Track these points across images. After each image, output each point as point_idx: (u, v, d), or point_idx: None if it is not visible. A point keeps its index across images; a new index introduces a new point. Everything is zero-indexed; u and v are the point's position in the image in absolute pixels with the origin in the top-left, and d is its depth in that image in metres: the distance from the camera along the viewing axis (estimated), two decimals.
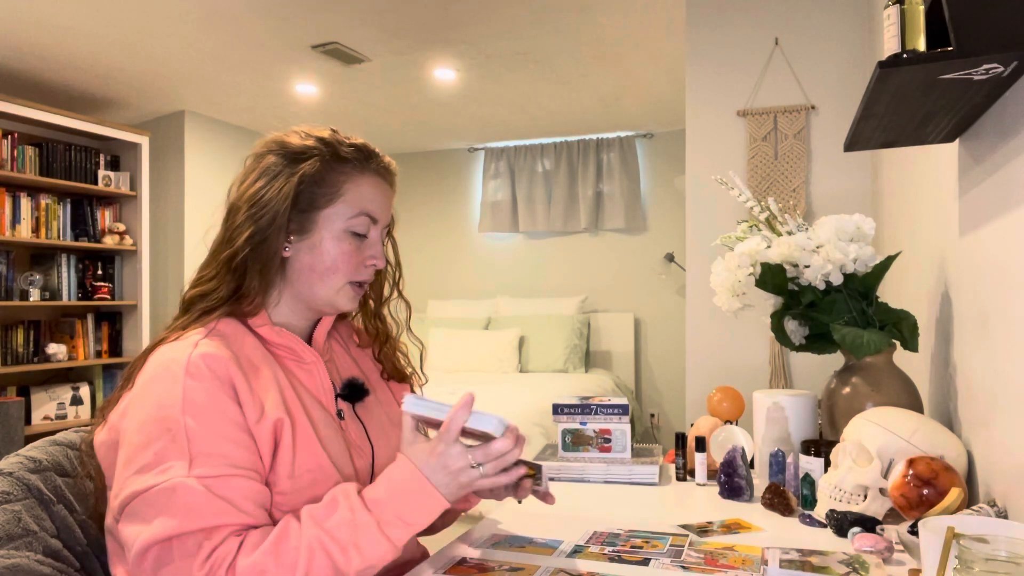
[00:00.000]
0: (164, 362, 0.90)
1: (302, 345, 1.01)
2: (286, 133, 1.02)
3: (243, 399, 0.89)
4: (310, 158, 0.98)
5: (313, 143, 1.00)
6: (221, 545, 0.81)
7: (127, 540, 0.82)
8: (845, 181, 2.59)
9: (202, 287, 0.98)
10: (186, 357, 0.89)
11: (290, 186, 0.96)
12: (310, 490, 0.91)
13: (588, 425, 1.47)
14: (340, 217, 0.99)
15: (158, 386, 0.88)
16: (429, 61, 3.72)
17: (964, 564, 0.61)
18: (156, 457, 0.83)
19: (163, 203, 4.66)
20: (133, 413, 0.88)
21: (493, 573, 0.93)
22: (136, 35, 3.35)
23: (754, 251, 1.36)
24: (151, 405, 0.87)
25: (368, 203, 1.01)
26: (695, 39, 2.77)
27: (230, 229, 0.98)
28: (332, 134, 1.02)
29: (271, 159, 0.99)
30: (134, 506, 0.82)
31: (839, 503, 1.09)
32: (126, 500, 0.83)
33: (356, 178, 1.00)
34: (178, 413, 0.85)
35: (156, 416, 0.85)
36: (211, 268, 0.98)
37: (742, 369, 2.67)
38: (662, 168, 5.08)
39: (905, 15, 0.92)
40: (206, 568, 0.80)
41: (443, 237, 5.59)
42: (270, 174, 0.97)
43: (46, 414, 3.84)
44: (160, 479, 0.82)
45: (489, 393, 3.65)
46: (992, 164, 1.06)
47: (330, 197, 0.98)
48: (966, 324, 1.20)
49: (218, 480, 0.83)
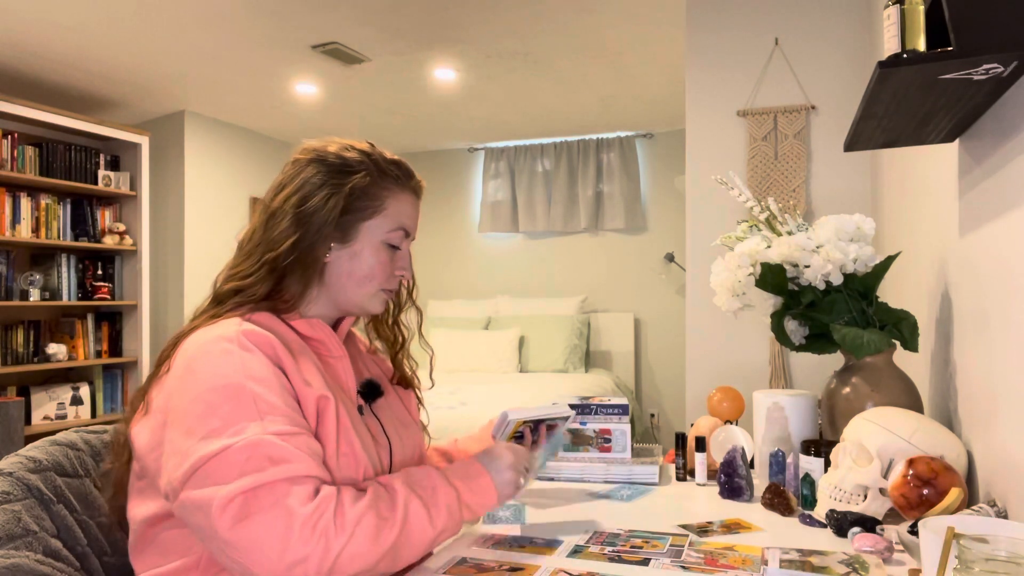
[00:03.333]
0: (211, 340, 0.91)
1: (334, 340, 1.05)
2: (326, 143, 1.06)
3: (290, 375, 0.93)
4: (359, 172, 1.03)
5: (359, 156, 1.05)
6: (321, 491, 0.83)
7: (202, 501, 0.81)
8: (845, 181, 2.59)
9: (238, 283, 1.00)
10: (235, 333, 0.92)
11: (339, 197, 1.00)
12: (347, 472, 0.94)
13: (588, 425, 1.47)
14: (380, 229, 1.05)
15: (210, 360, 0.89)
16: (429, 61, 3.72)
17: (964, 564, 0.61)
18: (224, 422, 0.84)
19: (163, 203, 4.66)
20: (184, 390, 0.88)
21: (493, 573, 0.93)
22: (136, 35, 3.35)
23: (754, 251, 1.36)
24: (207, 376, 0.88)
25: (405, 218, 1.07)
26: (695, 39, 2.77)
27: (273, 233, 1.00)
28: (372, 148, 1.07)
29: (315, 169, 1.03)
30: (207, 469, 0.82)
31: (839, 503, 1.09)
32: (196, 465, 0.82)
33: (397, 194, 1.07)
34: (241, 379, 0.87)
35: (216, 385, 0.87)
36: (247, 265, 1.01)
37: (742, 369, 2.67)
38: (662, 168, 5.08)
39: (905, 15, 0.92)
40: (312, 508, 0.81)
41: (443, 237, 5.59)
42: (315, 183, 1.01)
43: (46, 414, 3.84)
44: (235, 439, 0.83)
45: (489, 393, 3.65)
46: (992, 164, 1.06)
47: (374, 210, 1.04)
48: (966, 324, 1.20)
49: (292, 437, 0.85)
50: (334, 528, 0.81)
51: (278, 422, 0.85)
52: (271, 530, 0.79)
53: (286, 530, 0.79)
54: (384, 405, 1.12)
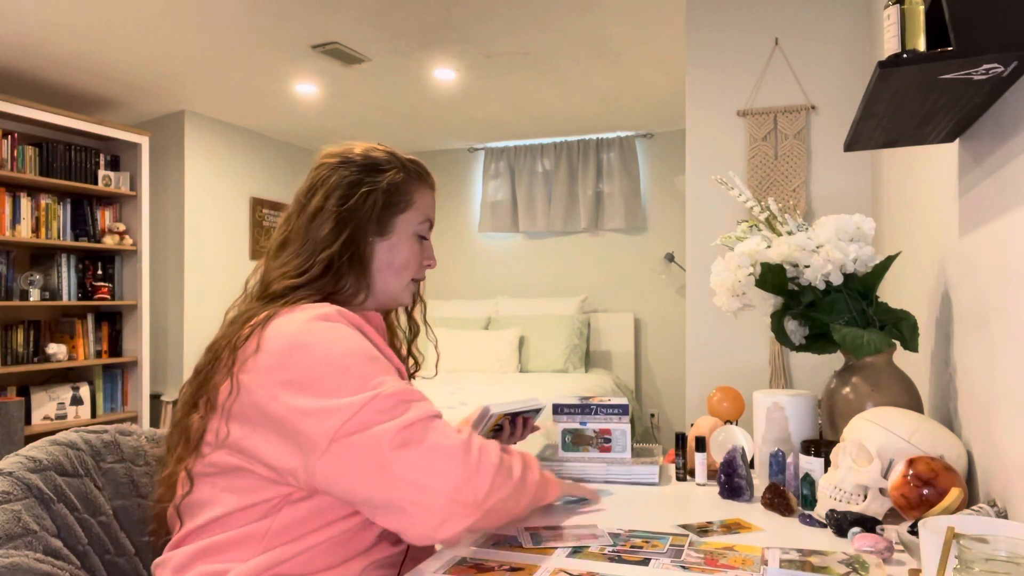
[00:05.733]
0: (310, 318, 0.95)
1: (384, 331, 1.14)
2: (346, 147, 1.13)
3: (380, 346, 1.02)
4: (390, 169, 1.11)
5: (385, 156, 1.13)
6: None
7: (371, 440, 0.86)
8: (845, 181, 2.59)
9: (293, 280, 1.04)
10: (331, 311, 0.97)
11: (378, 192, 1.08)
12: None
13: (588, 425, 1.47)
14: (413, 222, 1.13)
15: (324, 333, 0.94)
16: (429, 61, 3.72)
17: (964, 564, 0.61)
18: (362, 378, 0.90)
19: (163, 203, 4.66)
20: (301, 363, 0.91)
21: (493, 573, 0.93)
22: (136, 35, 3.35)
23: (754, 251, 1.36)
24: (328, 345, 0.92)
25: (430, 211, 1.17)
26: (695, 39, 2.77)
27: (320, 232, 1.06)
28: (387, 148, 1.15)
29: (347, 170, 1.09)
30: (363, 415, 0.87)
31: (839, 503, 1.09)
32: (350, 413, 0.87)
33: (422, 188, 1.15)
34: (358, 345, 0.94)
35: (342, 351, 0.92)
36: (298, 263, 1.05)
37: (742, 369, 2.67)
38: (662, 168, 5.08)
39: (905, 15, 0.92)
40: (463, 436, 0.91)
41: (443, 237, 5.59)
42: (352, 182, 1.08)
43: (46, 414, 3.84)
44: (379, 389, 0.89)
45: (489, 393, 3.65)
46: (992, 164, 1.06)
47: (406, 204, 1.12)
48: (966, 324, 1.20)
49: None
50: (486, 452, 0.92)
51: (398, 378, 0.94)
52: (441, 452, 0.87)
53: (449, 452, 0.88)
54: None
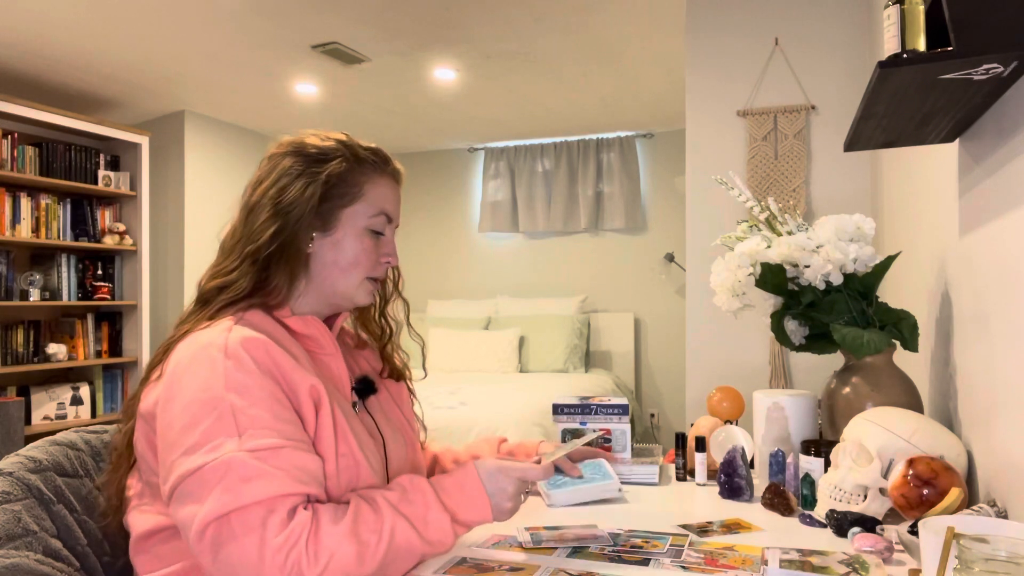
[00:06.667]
0: (200, 346, 0.90)
1: (328, 336, 1.04)
2: (301, 136, 1.06)
3: (287, 373, 0.92)
4: (334, 159, 1.03)
5: (334, 144, 1.04)
6: (296, 515, 0.82)
7: (184, 521, 0.82)
8: (845, 181, 2.59)
9: (222, 279, 0.99)
10: (223, 340, 0.90)
11: (316, 184, 1.00)
12: (346, 474, 0.93)
13: (588, 425, 1.47)
14: (361, 215, 1.04)
15: (197, 369, 0.88)
16: (429, 61, 3.72)
17: (964, 564, 0.61)
18: (204, 436, 0.83)
19: (163, 203, 4.66)
20: (172, 399, 0.88)
21: (493, 573, 0.93)
22: (136, 35, 3.35)
23: (754, 251, 1.36)
24: (192, 388, 0.87)
25: (386, 203, 1.07)
26: (695, 39, 2.77)
27: (253, 226, 1.00)
28: (348, 137, 1.07)
29: (291, 160, 1.02)
30: (186, 487, 0.82)
31: (839, 503, 1.09)
32: (176, 482, 0.83)
33: (375, 179, 1.06)
34: (221, 392, 0.86)
35: (199, 398, 0.86)
36: (230, 262, 1.00)
37: (742, 369, 2.67)
38: (662, 168, 5.08)
39: (905, 15, 0.92)
40: (283, 537, 0.80)
41: (443, 237, 5.59)
42: (292, 174, 1.01)
43: (46, 414, 3.84)
44: (211, 456, 0.82)
45: (489, 393, 3.65)
46: (992, 164, 1.06)
47: (352, 196, 1.03)
48: (966, 324, 1.20)
49: (270, 452, 0.84)
50: (306, 559, 0.80)
51: (258, 436, 0.84)
52: (244, 560, 0.79)
53: (258, 561, 0.79)
54: (375, 401, 1.11)
